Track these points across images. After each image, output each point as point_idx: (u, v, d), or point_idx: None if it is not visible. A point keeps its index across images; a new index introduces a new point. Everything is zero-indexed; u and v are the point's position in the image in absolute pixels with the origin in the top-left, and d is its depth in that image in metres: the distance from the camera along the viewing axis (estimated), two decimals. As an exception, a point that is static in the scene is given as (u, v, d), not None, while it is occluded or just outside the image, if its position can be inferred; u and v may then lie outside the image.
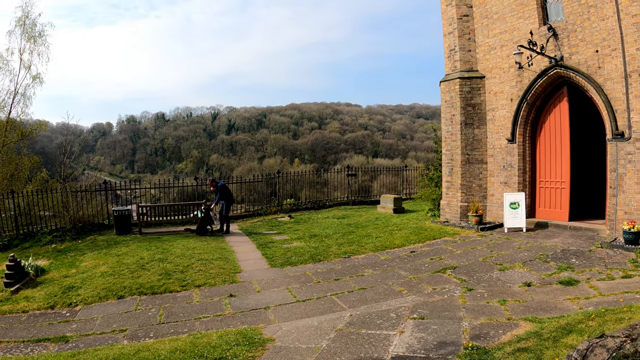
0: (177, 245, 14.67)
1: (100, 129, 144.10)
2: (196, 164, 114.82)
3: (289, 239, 15.56)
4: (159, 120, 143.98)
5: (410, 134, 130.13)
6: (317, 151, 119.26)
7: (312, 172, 25.04)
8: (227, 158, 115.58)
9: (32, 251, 15.51)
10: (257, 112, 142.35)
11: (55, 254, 14.74)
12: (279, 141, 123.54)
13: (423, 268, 10.96)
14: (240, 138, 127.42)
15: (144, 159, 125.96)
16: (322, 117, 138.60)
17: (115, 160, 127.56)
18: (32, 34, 24.84)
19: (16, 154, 24.95)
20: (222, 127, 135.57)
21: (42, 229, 17.71)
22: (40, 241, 16.74)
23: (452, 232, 14.72)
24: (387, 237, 14.56)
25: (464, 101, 16.17)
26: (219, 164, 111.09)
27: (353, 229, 16.52)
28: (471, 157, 16.15)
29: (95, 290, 10.54)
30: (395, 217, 18.75)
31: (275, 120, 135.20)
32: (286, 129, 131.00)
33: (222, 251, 13.86)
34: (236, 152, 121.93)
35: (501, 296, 8.51)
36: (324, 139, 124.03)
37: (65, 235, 17.13)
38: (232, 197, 17.67)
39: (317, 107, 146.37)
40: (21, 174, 24.33)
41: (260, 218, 20.43)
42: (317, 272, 11.22)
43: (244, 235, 16.61)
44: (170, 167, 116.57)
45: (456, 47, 16.59)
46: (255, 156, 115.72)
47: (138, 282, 10.88)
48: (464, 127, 16.13)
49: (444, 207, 16.83)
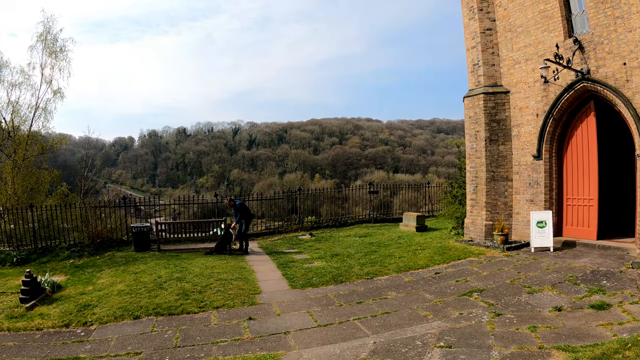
0: (195, 264, 14.48)
1: (122, 143, 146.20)
2: (217, 179, 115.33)
3: (310, 258, 15.27)
4: (180, 135, 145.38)
5: (431, 149, 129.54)
6: (338, 166, 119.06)
7: (332, 188, 24.80)
8: (248, 173, 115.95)
9: (49, 266, 15.51)
10: (277, 128, 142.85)
11: (72, 270, 14.68)
12: (300, 156, 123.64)
13: (448, 291, 10.56)
14: (261, 153, 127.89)
15: (165, 173, 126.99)
16: (343, 132, 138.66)
17: (136, 174, 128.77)
18: (53, 49, 25.13)
19: (36, 167, 25.06)
20: (243, 142, 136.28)
21: (60, 243, 17.75)
22: (58, 256, 16.76)
23: (477, 252, 14.30)
24: (410, 257, 14.18)
25: (489, 117, 15.81)
26: (239, 179, 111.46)
27: (375, 248, 16.18)
28: (496, 174, 15.74)
29: (111, 309, 10.34)
30: (418, 235, 18.36)
31: (295, 135, 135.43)
32: (307, 144, 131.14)
33: (242, 271, 13.62)
34: (257, 167, 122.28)
35: (531, 322, 8.10)
36: (344, 154, 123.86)
37: (84, 250, 17.11)
38: (250, 215, 17.44)
39: (337, 122, 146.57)
40: (41, 188, 24.44)
41: (280, 236, 20.20)
42: (339, 294, 10.88)
43: (264, 254, 16.37)
44: (191, 181, 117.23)
45: (480, 62, 16.27)
46: (276, 171, 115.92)
47: (155, 302, 10.66)
48: (488, 144, 15.75)
49: (468, 225, 16.41)
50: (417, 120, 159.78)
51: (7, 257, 16.62)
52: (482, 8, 16.18)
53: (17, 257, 16.53)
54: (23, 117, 24.68)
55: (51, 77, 25.07)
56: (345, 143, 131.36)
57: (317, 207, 24.34)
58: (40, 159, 25.55)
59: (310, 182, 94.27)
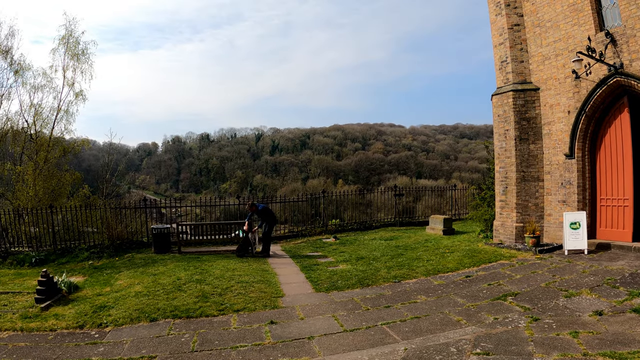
0: (216, 266, 14.17)
1: (145, 149, 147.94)
2: (240, 184, 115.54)
3: (335, 261, 14.82)
4: (203, 141, 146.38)
5: (454, 154, 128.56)
6: (361, 172, 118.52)
7: (355, 192, 24.25)
8: (271, 178, 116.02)
9: (68, 267, 15.38)
10: (300, 133, 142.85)
11: (91, 271, 14.54)
12: (323, 162, 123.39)
13: (481, 295, 10.01)
14: (284, 159, 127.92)
15: (189, 178, 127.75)
16: (366, 137, 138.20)
17: (160, 179, 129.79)
18: (75, 51, 25.17)
19: (58, 170, 25.07)
20: (266, 148, 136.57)
21: (80, 244, 17.66)
22: (77, 257, 16.68)
23: (508, 255, 13.68)
24: (439, 260, 13.64)
25: (518, 115, 15.22)
26: (262, 185, 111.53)
27: (402, 251, 15.67)
28: (526, 174, 15.13)
29: (127, 311, 10.08)
30: (445, 238, 17.79)
31: (318, 141, 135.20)
32: (330, 150, 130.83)
33: (264, 273, 13.24)
34: (280, 172, 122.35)
35: (571, 327, 7.55)
36: (367, 159, 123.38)
37: (103, 252, 17.01)
38: (274, 218, 17.04)
39: (360, 127, 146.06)
40: (62, 190, 24.43)
41: (304, 239, 19.79)
42: (365, 298, 10.41)
43: (287, 257, 15.98)
44: (214, 187, 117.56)
45: (508, 59, 15.71)
46: (298, 177, 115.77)
47: (173, 304, 10.35)
48: (518, 143, 15.15)
49: (498, 228, 15.79)
50: (440, 126, 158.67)
51: (26, 258, 16.60)
52: (509, 3, 15.62)
53: (36, 257, 16.49)
54: (45, 120, 24.80)
55: (73, 79, 25.20)
56: (368, 149, 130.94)
57: (341, 212, 23.87)
58: (62, 161, 25.57)
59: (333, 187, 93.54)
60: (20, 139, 24.78)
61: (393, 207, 23.18)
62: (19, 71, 24.46)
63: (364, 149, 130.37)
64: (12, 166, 24.24)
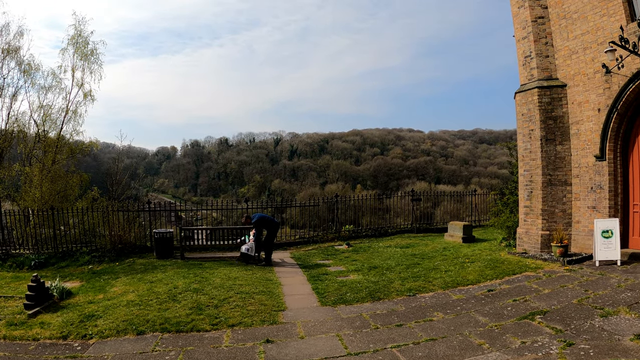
0: (218, 274, 13.18)
1: (164, 153, 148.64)
2: (258, 189, 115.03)
3: (345, 270, 13.70)
4: (222, 145, 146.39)
5: (473, 160, 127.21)
6: (379, 177, 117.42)
7: (373, 197, 23.02)
8: (289, 183, 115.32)
9: (67, 271, 14.72)
10: (319, 138, 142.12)
11: (89, 276, 13.77)
12: (341, 167, 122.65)
13: (505, 312, 8.81)
14: (303, 163, 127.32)
15: (207, 182, 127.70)
16: (384, 143, 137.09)
17: (178, 183, 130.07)
18: (85, 52, 24.53)
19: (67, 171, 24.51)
20: (285, 153, 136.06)
21: (81, 247, 16.92)
22: (77, 261, 15.98)
23: (533, 266, 12.44)
24: (458, 271, 12.42)
25: (544, 114, 13.99)
26: (280, 189, 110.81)
27: (418, 260, 14.48)
28: (553, 177, 13.88)
29: (115, 321, 9.18)
30: (465, 246, 16.54)
31: (337, 146, 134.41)
32: (348, 155, 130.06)
33: (267, 283, 12.19)
34: (298, 177, 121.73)
35: (612, 354, 6.40)
36: (386, 165, 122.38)
37: (105, 256, 16.25)
38: (275, 225, 15.87)
39: (379, 132, 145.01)
40: (69, 192, 23.78)
41: (315, 245, 18.68)
42: (375, 314, 9.27)
43: (295, 266, 14.90)
44: (233, 191, 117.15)
45: (532, 53, 14.51)
46: (317, 182, 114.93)
47: (164, 316, 9.38)
48: (544, 144, 13.92)
49: (522, 235, 14.54)
50: (459, 131, 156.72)
51: (26, 261, 15.94)
52: (533, -5, 14.45)
53: (35, 260, 15.82)
54: (53, 120, 24.13)
55: (82, 80, 24.55)
56: (386, 154, 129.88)
57: (359, 217, 22.64)
58: (70, 162, 24.98)
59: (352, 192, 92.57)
60: (29, 140, 24.19)
61: (410, 213, 21.94)
62: (27, 71, 23.90)
63: (383, 154, 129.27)
64: (20, 167, 23.65)
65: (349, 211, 22.41)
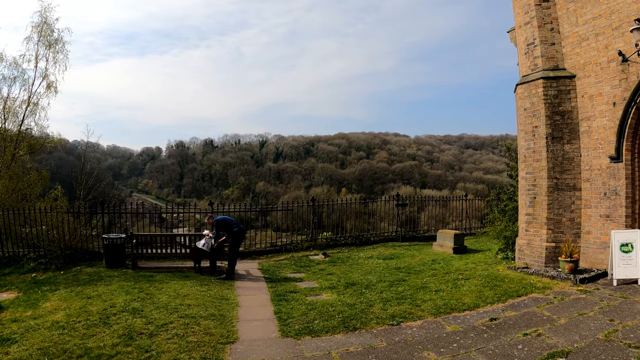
0: (167, 290, 11.05)
1: (149, 153, 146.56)
2: (243, 191, 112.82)
3: (318, 287, 11.53)
4: (207, 147, 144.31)
5: (459, 165, 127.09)
6: (365, 181, 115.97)
7: (356, 200, 20.78)
8: (274, 186, 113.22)
9: (9, 279, 12.64)
10: (305, 141, 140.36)
11: (29, 286, 11.69)
12: (326, 170, 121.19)
13: (516, 353, 6.64)
14: (288, 166, 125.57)
15: (191, 184, 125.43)
16: (370, 146, 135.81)
17: (162, 184, 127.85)
18: (50, 40, 22.20)
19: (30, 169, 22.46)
20: (270, 155, 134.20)
21: (29, 253, 14.66)
22: (22, 267, 13.85)
23: (540, 285, 10.36)
24: (451, 291, 10.26)
25: (550, 108, 12.00)
26: (265, 192, 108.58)
27: (404, 275, 12.36)
28: (560, 181, 11.87)
29: (29, 349, 7.15)
30: (456, 258, 14.46)
31: (323, 149, 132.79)
32: (334, 158, 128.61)
33: (222, 303, 10.03)
34: (283, 180, 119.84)
35: None
36: (371, 168, 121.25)
37: (52, 263, 14.04)
38: (239, 232, 13.63)
39: (365, 136, 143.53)
40: (28, 190, 21.50)
41: (288, 255, 16.47)
42: (348, 353, 7.07)
43: (260, 280, 12.72)
44: (217, 192, 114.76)
45: (535, 40, 12.55)
46: (302, 185, 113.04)
47: (85, 346, 7.26)
48: (550, 142, 11.91)
49: (522, 247, 12.51)
50: (445, 136, 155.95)
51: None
52: (537, -26, 12.50)
53: (-28, 267, 13.49)
54: (14, 113, 21.76)
55: (45, 70, 22.18)
56: (372, 157, 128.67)
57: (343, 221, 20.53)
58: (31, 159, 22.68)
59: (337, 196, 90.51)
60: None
61: (395, 218, 19.79)
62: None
63: (369, 158, 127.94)
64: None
65: (333, 214, 20.41)
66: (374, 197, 23.22)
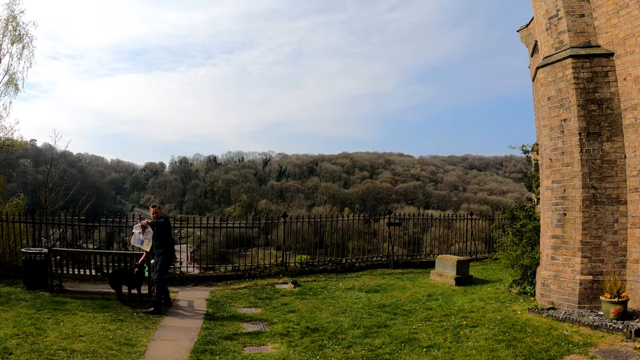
0: (65, 325, 8.13)
1: (152, 168, 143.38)
2: (245, 208, 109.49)
3: (268, 332, 8.21)
4: (210, 163, 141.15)
5: (463, 186, 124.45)
6: (368, 201, 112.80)
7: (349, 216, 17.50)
8: (276, 204, 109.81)
9: None
10: (308, 160, 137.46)
11: None
12: (329, 189, 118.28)
13: None
14: (290, 185, 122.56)
15: (193, 200, 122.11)
16: (374, 166, 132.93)
17: (165, 199, 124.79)
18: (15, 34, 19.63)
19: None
20: (273, 173, 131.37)
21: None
22: None
23: (577, 339, 6.99)
24: (450, 349, 6.83)
25: (583, 95, 8.80)
26: (267, 209, 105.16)
27: (387, 317, 9.01)
28: (599, 192, 8.60)
29: None
30: (459, 292, 11.05)
31: (326, 168, 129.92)
32: (337, 178, 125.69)
33: (120, 352, 6.98)
34: (285, 198, 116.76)
35: None
36: (375, 188, 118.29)
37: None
38: (173, 248, 10.50)
39: (369, 156, 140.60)
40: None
41: (251, 282, 13.08)
42: None
43: (198, 316, 9.41)
44: (219, 209, 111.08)
45: (559, 12, 9.42)
46: (304, 204, 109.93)
47: None
48: (585, 140, 8.68)
49: (547, 281, 9.16)
50: (449, 156, 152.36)
51: None
52: None
53: None
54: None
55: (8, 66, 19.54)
56: (376, 177, 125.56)
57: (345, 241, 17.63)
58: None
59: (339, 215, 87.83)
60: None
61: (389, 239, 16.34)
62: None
63: (372, 178, 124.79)
64: None
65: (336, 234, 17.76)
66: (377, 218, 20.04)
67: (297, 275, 13.61)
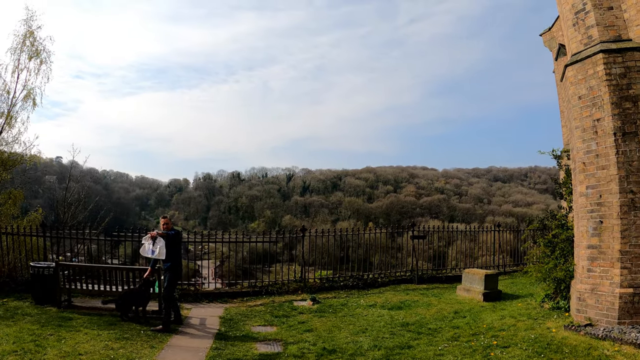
0: (67, 342, 7.74)
1: (176, 185, 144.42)
2: (269, 224, 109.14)
3: (281, 353, 7.64)
4: (234, 179, 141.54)
5: (488, 198, 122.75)
6: (392, 215, 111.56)
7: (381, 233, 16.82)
8: (300, 220, 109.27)
9: None
10: (332, 175, 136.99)
11: None
12: (353, 204, 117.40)
13: None
14: (314, 200, 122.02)
15: (217, 216, 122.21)
16: (398, 180, 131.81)
17: (189, 215, 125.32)
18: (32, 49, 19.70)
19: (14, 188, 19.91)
20: (297, 189, 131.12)
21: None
22: None
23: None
24: (478, 373, 6.29)
25: (617, 92, 8.12)
26: (291, 225, 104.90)
27: (411, 336, 8.36)
28: (638, 196, 7.86)
29: None
30: (488, 309, 10.28)
31: (350, 183, 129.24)
32: (361, 192, 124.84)
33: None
34: (309, 214, 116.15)
35: None
36: (399, 202, 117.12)
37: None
38: (180, 261, 10.01)
39: (392, 170, 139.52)
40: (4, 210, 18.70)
41: (268, 299, 12.56)
42: None
43: (208, 336, 8.90)
44: (243, 225, 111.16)
45: (587, 5, 8.81)
46: (328, 219, 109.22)
47: None
48: (621, 141, 7.97)
49: (584, 295, 8.40)
50: (473, 169, 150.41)
51: None
52: None
53: None
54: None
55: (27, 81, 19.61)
56: (400, 191, 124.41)
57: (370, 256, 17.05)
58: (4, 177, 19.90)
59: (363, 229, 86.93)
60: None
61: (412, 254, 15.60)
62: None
63: (396, 192, 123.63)
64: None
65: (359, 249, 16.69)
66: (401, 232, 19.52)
67: (316, 292, 13.03)
